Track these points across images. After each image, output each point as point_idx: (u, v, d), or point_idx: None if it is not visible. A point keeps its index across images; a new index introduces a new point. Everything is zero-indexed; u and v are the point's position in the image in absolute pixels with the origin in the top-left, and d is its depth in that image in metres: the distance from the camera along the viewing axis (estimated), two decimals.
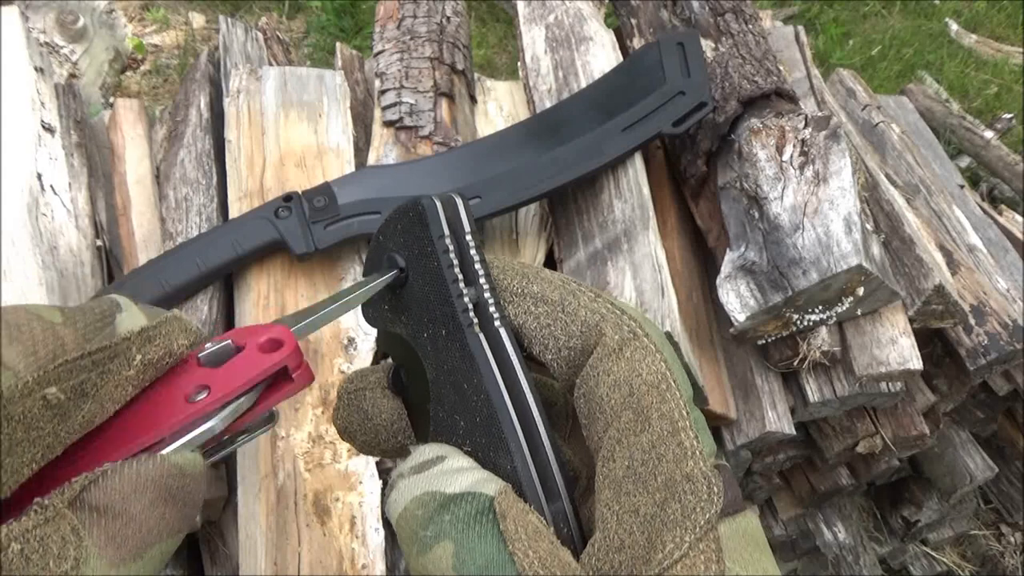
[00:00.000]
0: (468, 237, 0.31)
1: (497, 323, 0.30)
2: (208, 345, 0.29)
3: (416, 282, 0.31)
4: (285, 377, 0.29)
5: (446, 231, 0.30)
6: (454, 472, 0.28)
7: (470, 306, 0.29)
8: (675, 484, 0.25)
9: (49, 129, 1.09)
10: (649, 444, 0.26)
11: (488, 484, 0.27)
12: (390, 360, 0.34)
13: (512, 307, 0.31)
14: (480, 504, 0.26)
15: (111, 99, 2.32)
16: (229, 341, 0.29)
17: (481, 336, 0.29)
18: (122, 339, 0.27)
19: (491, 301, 0.30)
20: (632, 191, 1.01)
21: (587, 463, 0.31)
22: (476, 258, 0.30)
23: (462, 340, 0.29)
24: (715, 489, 0.25)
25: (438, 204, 0.31)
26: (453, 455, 0.28)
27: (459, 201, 0.31)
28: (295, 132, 1.11)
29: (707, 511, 0.25)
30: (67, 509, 0.23)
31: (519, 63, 1.29)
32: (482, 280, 0.30)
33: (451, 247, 0.30)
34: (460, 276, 0.30)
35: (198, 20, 2.76)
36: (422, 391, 0.31)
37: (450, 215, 0.31)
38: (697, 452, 0.26)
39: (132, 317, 0.28)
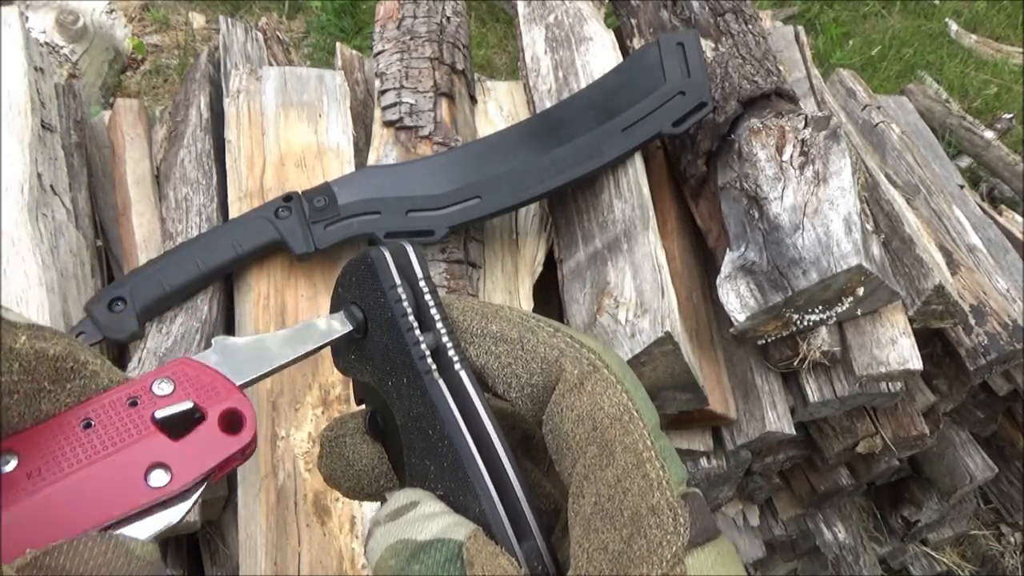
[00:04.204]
0: (421, 283, 0.31)
1: (457, 366, 0.30)
2: (162, 389, 0.28)
3: (376, 332, 0.31)
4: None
5: (397, 281, 0.31)
6: (425, 518, 0.28)
7: (427, 353, 0.30)
8: (641, 518, 0.25)
9: (49, 129, 1.09)
10: (614, 478, 0.26)
11: (458, 529, 0.27)
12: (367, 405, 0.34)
13: (473, 348, 0.31)
14: (449, 551, 0.26)
15: (111, 99, 2.32)
16: (189, 402, 0.28)
17: (440, 382, 0.30)
18: None
19: (449, 345, 0.30)
20: (632, 191, 1.01)
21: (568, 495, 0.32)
22: (431, 303, 0.31)
23: (422, 387, 0.29)
24: (681, 521, 0.25)
25: (387, 255, 0.31)
26: (426, 500, 0.29)
27: (410, 248, 0.32)
28: (295, 132, 1.11)
29: (673, 544, 0.25)
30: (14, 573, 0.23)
31: (519, 63, 1.29)
32: (439, 325, 0.30)
33: (403, 296, 0.30)
34: (415, 324, 0.30)
35: (198, 20, 2.76)
36: (398, 436, 0.31)
37: (401, 263, 0.31)
38: (663, 483, 0.26)
39: (20, 317, 0.27)
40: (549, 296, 1.10)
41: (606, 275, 0.96)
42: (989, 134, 2.34)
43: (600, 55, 1.21)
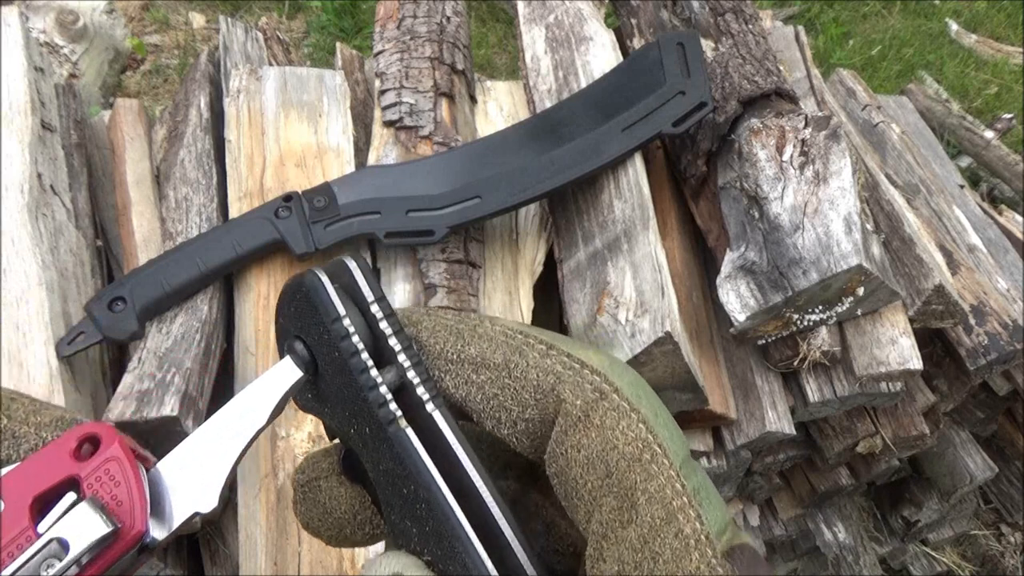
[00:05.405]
0: (374, 308, 0.25)
1: (429, 406, 0.25)
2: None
3: (326, 371, 0.26)
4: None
5: (341, 311, 0.25)
6: None
7: (388, 398, 0.25)
8: None
9: (49, 129, 1.09)
10: (640, 540, 0.22)
11: None
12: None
13: (449, 378, 0.26)
14: None
15: (111, 99, 2.32)
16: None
17: (408, 432, 0.24)
18: None
19: (417, 380, 0.25)
20: (632, 191, 1.01)
21: None
22: (388, 331, 0.25)
23: (387, 439, 0.24)
24: None
25: (324, 279, 0.26)
26: (411, 570, 0.24)
27: (353, 265, 0.26)
28: (295, 132, 1.11)
29: None
30: None
31: (519, 63, 1.29)
32: (402, 356, 0.25)
33: (351, 330, 0.25)
34: (369, 364, 0.25)
35: (198, 20, 2.76)
36: None
37: (346, 284, 0.26)
38: (702, 539, 0.21)
39: None
40: (549, 296, 1.10)
41: (606, 275, 0.96)
42: (989, 134, 2.33)
43: (600, 55, 1.21)
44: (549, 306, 1.12)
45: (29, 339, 0.87)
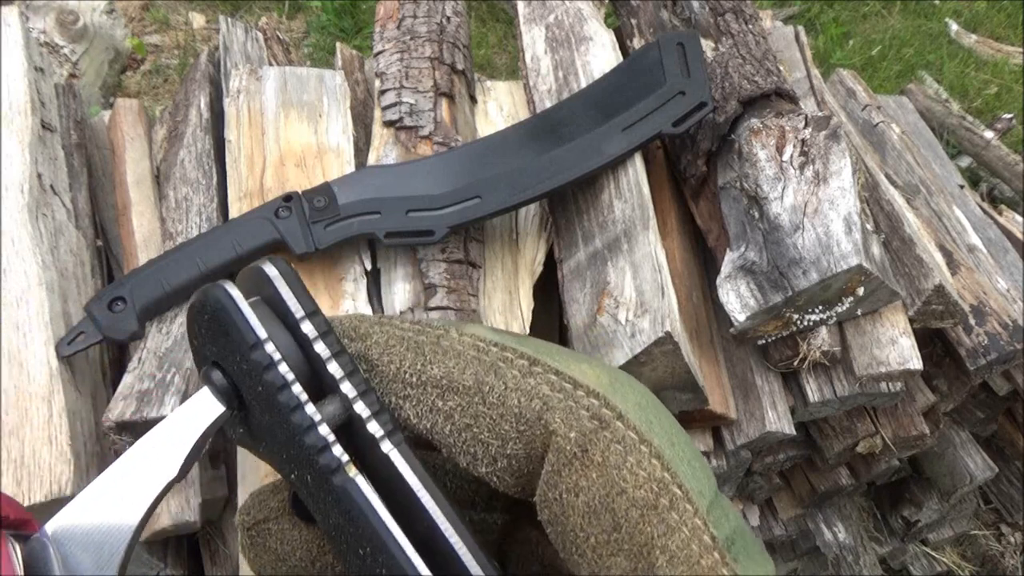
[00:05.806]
0: (305, 325, 0.19)
1: (385, 445, 0.19)
2: None
3: (253, 406, 0.20)
4: None
5: (261, 334, 0.19)
6: None
7: (329, 440, 0.19)
8: None
9: (49, 129, 1.09)
10: None
11: None
12: None
13: (410, 405, 0.20)
14: None
15: (111, 99, 2.32)
16: None
17: (358, 481, 0.19)
18: None
19: (367, 414, 0.19)
20: (632, 191, 1.01)
21: None
22: (326, 353, 0.19)
23: (333, 492, 0.19)
24: None
25: (234, 295, 0.19)
26: None
27: (274, 272, 0.20)
28: (295, 132, 1.11)
29: None
30: None
31: (519, 63, 1.29)
32: (345, 385, 0.19)
33: (275, 356, 0.19)
34: (303, 398, 0.19)
35: (198, 20, 2.76)
36: None
37: (269, 297, 0.20)
38: None
39: None
40: (549, 296, 1.10)
41: (606, 275, 0.96)
42: (989, 134, 2.34)
43: (600, 55, 1.21)
44: (549, 306, 1.12)
45: (29, 339, 0.87)
